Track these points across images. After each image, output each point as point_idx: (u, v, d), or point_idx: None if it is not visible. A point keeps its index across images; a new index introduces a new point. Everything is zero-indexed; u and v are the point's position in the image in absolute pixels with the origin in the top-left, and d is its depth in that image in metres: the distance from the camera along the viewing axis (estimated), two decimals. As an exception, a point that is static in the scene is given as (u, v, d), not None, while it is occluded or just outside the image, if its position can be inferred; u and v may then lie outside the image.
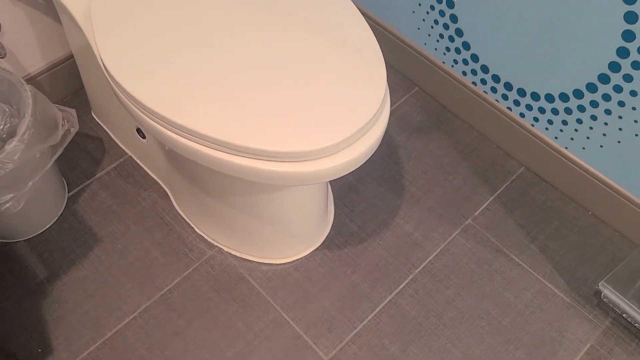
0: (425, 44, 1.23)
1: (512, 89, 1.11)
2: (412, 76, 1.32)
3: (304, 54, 0.79)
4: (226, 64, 0.78)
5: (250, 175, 0.74)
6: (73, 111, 1.08)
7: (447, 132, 1.26)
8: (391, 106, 1.30)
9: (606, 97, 0.95)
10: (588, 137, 1.03)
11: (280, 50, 0.79)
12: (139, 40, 0.80)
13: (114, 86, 0.80)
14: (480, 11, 1.05)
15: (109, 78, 0.79)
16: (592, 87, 0.96)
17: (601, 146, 1.02)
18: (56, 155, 1.01)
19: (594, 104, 0.98)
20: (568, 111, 1.03)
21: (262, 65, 0.78)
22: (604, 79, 0.93)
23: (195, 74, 0.76)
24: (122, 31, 0.81)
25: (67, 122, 1.03)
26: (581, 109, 1.01)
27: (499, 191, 1.17)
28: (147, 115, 0.76)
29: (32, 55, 1.18)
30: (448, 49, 1.18)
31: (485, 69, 1.13)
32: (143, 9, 0.84)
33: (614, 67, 0.91)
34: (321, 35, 0.81)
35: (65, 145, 1.03)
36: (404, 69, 1.33)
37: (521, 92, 1.10)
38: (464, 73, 1.19)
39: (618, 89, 0.92)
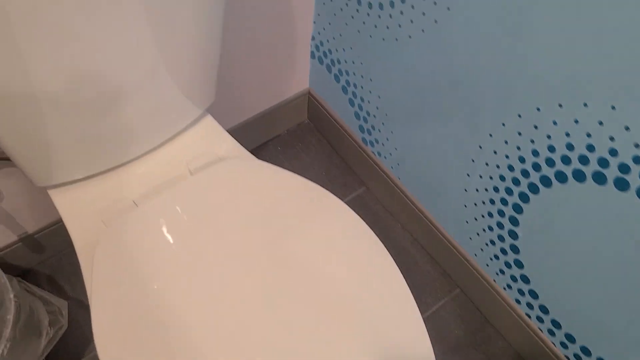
0: (475, 255, 1.08)
1: (574, 342, 0.95)
2: (455, 276, 1.17)
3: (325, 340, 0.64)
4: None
5: None
6: (65, 304, 0.94)
7: (486, 353, 1.10)
8: (429, 308, 1.15)
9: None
10: None
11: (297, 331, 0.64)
12: (140, 326, 0.65)
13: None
14: (551, 254, 0.90)
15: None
16: (679, 390, 0.80)
17: None
18: (36, 365, 0.87)
19: (678, 406, 0.81)
20: (642, 396, 0.87)
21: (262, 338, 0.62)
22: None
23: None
24: (125, 308, 0.67)
25: (52, 327, 0.89)
26: (660, 402, 0.84)
27: None
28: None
29: (30, 217, 1.05)
30: (502, 272, 1.03)
31: (544, 309, 0.97)
32: (156, 280, 0.69)
33: None
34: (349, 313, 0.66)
35: (49, 350, 0.88)
36: (447, 265, 1.17)
37: (585, 351, 0.93)
38: (518, 301, 1.03)
39: None
